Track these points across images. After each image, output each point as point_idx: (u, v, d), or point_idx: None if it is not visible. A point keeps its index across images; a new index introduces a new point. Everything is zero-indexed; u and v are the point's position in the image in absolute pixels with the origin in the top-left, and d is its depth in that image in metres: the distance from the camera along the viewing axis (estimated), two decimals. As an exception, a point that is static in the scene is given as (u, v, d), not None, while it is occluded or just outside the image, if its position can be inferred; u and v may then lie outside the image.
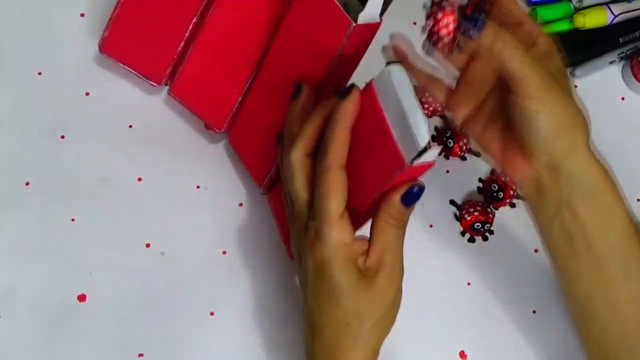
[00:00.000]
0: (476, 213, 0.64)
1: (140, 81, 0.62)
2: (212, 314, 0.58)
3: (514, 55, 0.47)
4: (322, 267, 0.48)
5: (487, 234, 0.65)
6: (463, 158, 0.67)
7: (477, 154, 0.68)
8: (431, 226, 0.64)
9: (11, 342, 0.54)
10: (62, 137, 0.61)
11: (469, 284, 0.63)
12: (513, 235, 0.66)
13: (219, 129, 0.61)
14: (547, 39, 0.53)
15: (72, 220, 0.58)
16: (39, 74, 0.63)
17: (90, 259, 0.58)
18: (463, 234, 0.65)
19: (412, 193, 0.47)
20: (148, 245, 0.59)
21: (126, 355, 0.56)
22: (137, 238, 0.59)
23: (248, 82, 0.59)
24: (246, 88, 0.59)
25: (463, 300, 0.62)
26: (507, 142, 0.52)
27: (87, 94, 0.63)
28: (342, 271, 0.47)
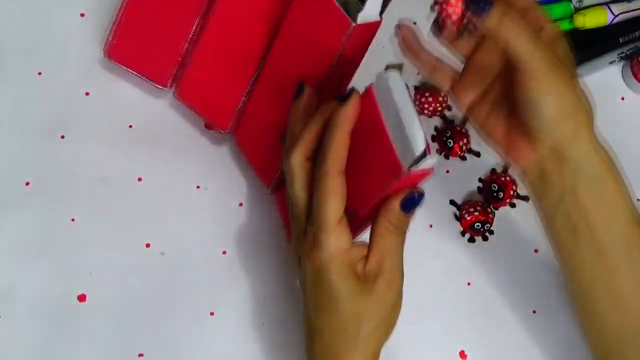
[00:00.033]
0: (476, 213, 0.64)
1: (140, 81, 0.62)
2: (212, 314, 0.58)
3: (521, 35, 0.47)
4: (319, 273, 0.47)
5: (487, 234, 0.65)
6: (463, 158, 0.67)
7: (477, 154, 0.68)
8: (431, 226, 0.64)
9: (11, 342, 0.54)
10: (62, 137, 0.61)
11: (469, 284, 0.63)
12: (513, 235, 0.66)
13: (224, 130, 0.61)
14: (553, 26, 0.52)
15: (72, 220, 0.58)
16: (39, 74, 0.63)
17: (90, 259, 0.58)
18: (463, 234, 0.65)
19: (412, 199, 0.46)
20: (148, 245, 0.59)
21: (126, 355, 0.56)
22: (137, 238, 0.59)
23: (251, 83, 0.59)
24: (249, 88, 0.59)
25: (463, 300, 0.62)
26: (511, 128, 0.52)
27: (87, 94, 0.63)
28: (340, 277, 0.47)
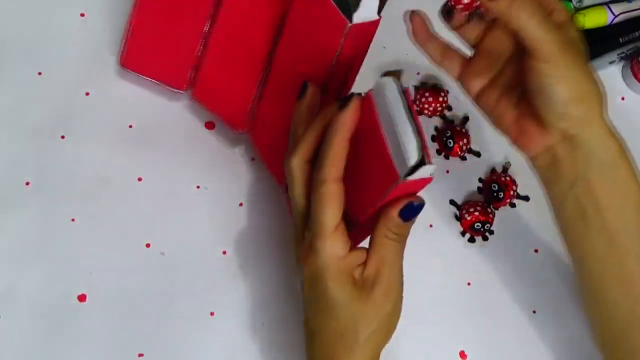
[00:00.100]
0: (476, 213, 0.64)
1: (141, 81, 0.62)
2: (212, 314, 0.58)
3: (532, 19, 0.46)
4: (315, 278, 0.47)
5: (487, 234, 0.65)
6: (463, 158, 0.67)
7: (477, 154, 0.68)
8: (431, 226, 0.64)
9: (11, 342, 0.54)
10: (62, 137, 0.61)
11: (469, 284, 0.63)
12: (513, 235, 0.66)
13: (241, 130, 0.61)
14: (564, 10, 0.51)
15: (72, 220, 0.58)
16: (39, 74, 0.63)
17: (90, 259, 0.58)
18: (463, 234, 0.65)
19: (411, 208, 0.46)
20: (148, 245, 0.59)
21: (126, 355, 0.56)
22: (137, 238, 0.59)
23: (260, 81, 0.59)
24: (260, 87, 0.59)
25: (463, 300, 0.62)
26: (521, 114, 0.51)
27: (87, 94, 0.63)
28: (336, 284, 0.46)
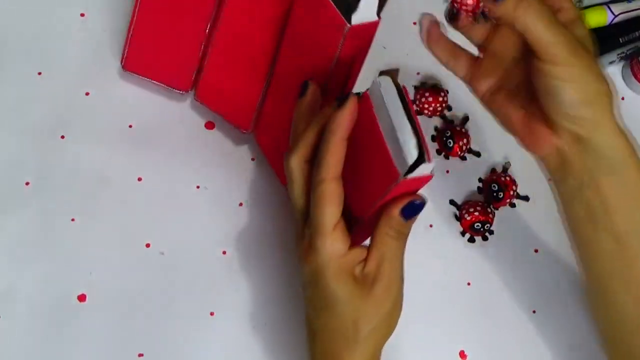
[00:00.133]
0: (476, 213, 0.64)
1: (141, 81, 0.62)
2: (212, 314, 0.58)
3: (539, 18, 0.45)
4: (316, 276, 0.47)
5: (487, 234, 0.65)
6: (463, 158, 0.67)
7: (477, 154, 0.68)
8: (431, 226, 0.64)
9: (11, 342, 0.54)
10: (62, 137, 0.61)
11: (469, 284, 0.63)
12: (513, 235, 0.66)
13: (245, 130, 0.61)
14: (572, 7, 0.51)
15: (72, 220, 0.58)
16: (39, 74, 0.63)
17: (90, 259, 0.58)
18: (463, 234, 0.65)
19: (412, 207, 0.46)
20: (148, 245, 0.59)
21: (126, 355, 0.56)
22: (137, 238, 0.59)
23: (265, 82, 0.59)
24: (265, 87, 0.59)
25: (463, 300, 0.62)
26: (529, 115, 0.51)
27: (87, 94, 0.63)
28: (336, 282, 0.47)
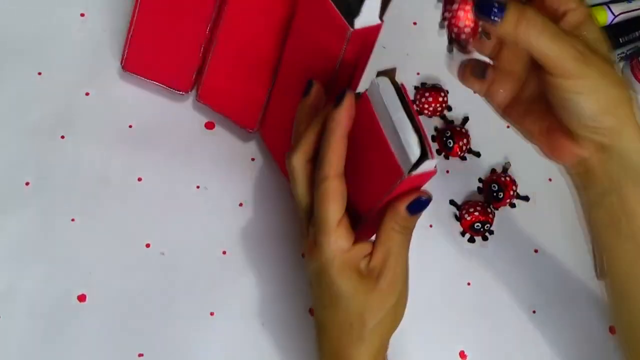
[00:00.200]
0: (476, 213, 0.64)
1: (141, 81, 0.62)
2: (212, 314, 0.58)
3: (542, 34, 0.44)
4: (321, 272, 0.48)
5: (487, 234, 0.65)
6: (463, 158, 0.67)
7: (477, 154, 0.68)
8: (431, 226, 0.64)
9: (11, 342, 0.54)
10: (62, 137, 0.61)
11: (469, 284, 0.63)
12: (513, 235, 0.66)
13: (251, 130, 0.62)
14: (579, 6, 0.48)
15: (72, 220, 0.58)
16: (39, 74, 0.63)
17: (90, 259, 0.58)
18: (463, 234, 0.65)
19: (419, 203, 0.46)
20: (148, 245, 0.59)
21: (126, 355, 0.56)
22: (137, 238, 0.59)
23: (271, 81, 0.59)
24: (270, 88, 0.60)
25: (463, 300, 0.62)
26: (550, 127, 0.50)
27: (87, 94, 0.63)
28: (341, 277, 0.47)
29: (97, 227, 0.59)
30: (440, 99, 0.67)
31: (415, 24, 0.67)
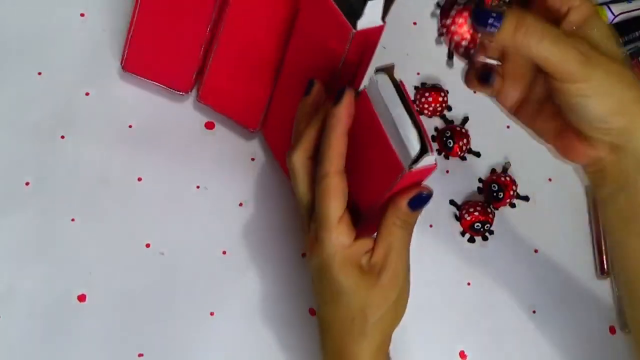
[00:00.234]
0: (476, 213, 0.64)
1: (141, 81, 0.62)
2: (212, 314, 0.58)
3: (543, 40, 0.43)
4: (322, 269, 0.48)
5: (487, 234, 0.65)
6: (463, 158, 0.67)
7: (477, 154, 0.68)
8: (431, 226, 0.64)
9: (11, 342, 0.54)
10: (62, 137, 0.61)
11: (469, 284, 0.63)
12: (513, 235, 0.66)
13: (253, 129, 0.62)
14: (583, 3, 0.47)
15: (72, 220, 0.58)
16: (39, 74, 0.63)
17: (90, 259, 0.58)
18: (463, 234, 0.65)
19: (420, 198, 0.47)
20: (148, 245, 0.59)
21: (126, 355, 0.56)
22: (137, 238, 0.59)
23: (273, 81, 0.59)
24: (273, 86, 0.60)
25: (463, 300, 0.62)
26: (562, 128, 0.49)
27: (87, 94, 0.63)
28: (342, 273, 0.47)
29: (97, 227, 0.59)
30: (440, 99, 0.67)
31: (415, 24, 0.67)
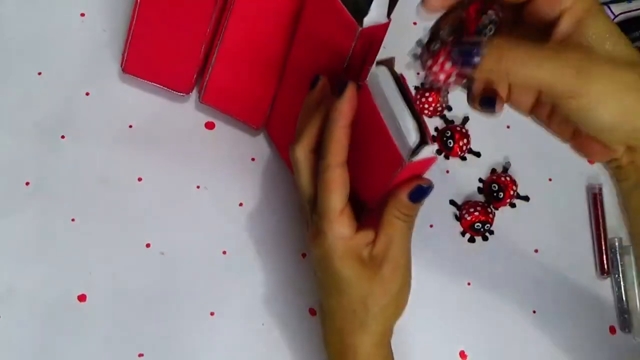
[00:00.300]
0: (476, 213, 0.64)
1: (141, 81, 0.62)
2: (212, 314, 0.58)
3: (527, 64, 0.41)
4: (324, 259, 0.49)
5: (487, 234, 0.65)
6: (463, 158, 0.67)
7: (477, 154, 0.68)
8: (431, 226, 0.64)
9: (11, 341, 0.54)
10: (62, 137, 0.61)
11: (469, 284, 0.63)
12: (513, 235, 0.66)
13: (257, 128, 0.63)
14: (575, 3, 0.43)
15: (72, 220, 0.58)
16: (39, 74, 0.63)
17: (90, 259, 0.58)
18: (463, 234, 0.65)
19: (420, 190, 0.47)
20: (148, 245, 0.59)
21: (126, 355, 0.56)
22: (137, 238, 0.59)
23: (278, 79, 0.60)
24: (277, 84, 0.60)
25: (463, 300, 0.62)
26: (576, 129, 0.48)
27: (87, 94, 0.63)
28: (344, 264, 0.48)
29: (97, 227, 0.59)
30: (441, 99, 0.67)
31: (415, 24, 0.66)
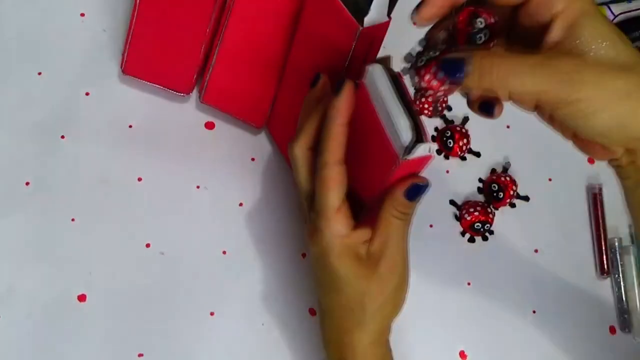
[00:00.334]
0: (476, 213, 0.64)
1: (141, 82, 0.62)
2: (212, 313, 0.58)
3: (517, 76, 0.40)
4: (321, 257, 0.49)
5: (487, 234, 0.65)
6: (463, 158, 0.67)
7: (477, 154, 0.68)
8: (431, 226, 0.64)
9: (11, 342, 0.54)
10: (62, 137, 0.61)
11: (469, 284, 0.63)
12: (513, 235, 0.66)
13: (258, 127, 0.63)
14: (569, 5, 0.42)
15: (72, 220, 0.58)
16: (39, 74, 0.63)
17: (90, 259, 0.58)
18: (463, 234, 0.65)
19: (416, 189, 0.47)
20: (148, 245, 0.59)
21: (126, 355, 0.56)
22: (137, 238, 0.59)
23: (279, 78, 0.60)
24: (278, 83, 0.60)
25: (463, 300, 0.62)
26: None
27: (87, 94, 0.63)
28: (341, 262, 0.48)
29: (97, 227, 0.59)
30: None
31: (415, 24, 0.66)
